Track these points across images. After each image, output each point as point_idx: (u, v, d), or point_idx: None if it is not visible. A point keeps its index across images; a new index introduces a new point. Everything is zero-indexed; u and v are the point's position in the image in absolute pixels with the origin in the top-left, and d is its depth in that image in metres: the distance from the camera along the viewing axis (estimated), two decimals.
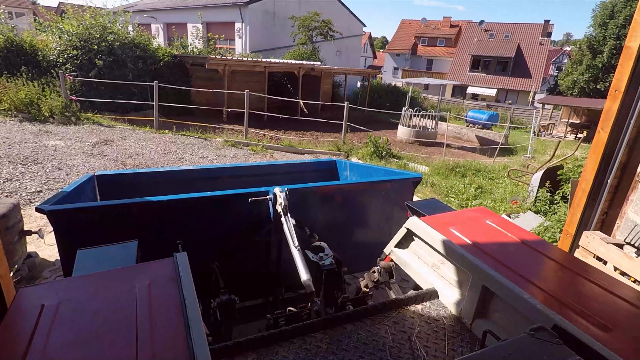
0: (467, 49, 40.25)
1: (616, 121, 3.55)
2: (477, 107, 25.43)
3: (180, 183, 3.61)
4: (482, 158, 11.49)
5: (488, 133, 16.39)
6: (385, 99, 23.45)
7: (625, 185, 3.68)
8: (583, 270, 1.78)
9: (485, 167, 9.41)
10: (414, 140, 14.16)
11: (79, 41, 12.35)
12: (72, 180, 6.46)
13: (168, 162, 8.12)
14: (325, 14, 22.46)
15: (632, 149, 3.61)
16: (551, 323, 1.35)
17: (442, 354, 1.56)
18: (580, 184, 3.95)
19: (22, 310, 1.34)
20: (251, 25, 21.39)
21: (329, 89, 21.20)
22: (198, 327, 1.25)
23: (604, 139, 3.66)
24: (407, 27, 48.03)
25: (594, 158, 3.78)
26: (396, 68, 46.60)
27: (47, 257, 4.13)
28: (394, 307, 1.82)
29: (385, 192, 3.24)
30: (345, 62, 27.52)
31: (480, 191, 7.58)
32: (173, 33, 19.54)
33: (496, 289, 1.60)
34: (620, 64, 3.52)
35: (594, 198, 3.82)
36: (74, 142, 8.59)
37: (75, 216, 2.30)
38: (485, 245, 1.92)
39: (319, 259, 1.92)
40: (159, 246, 2.01)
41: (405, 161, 9.52)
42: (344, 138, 11.08)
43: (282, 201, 2.44)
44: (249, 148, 9.88)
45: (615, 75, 3.57)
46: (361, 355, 1.53)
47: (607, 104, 3.66)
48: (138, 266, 1.69)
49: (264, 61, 16.79)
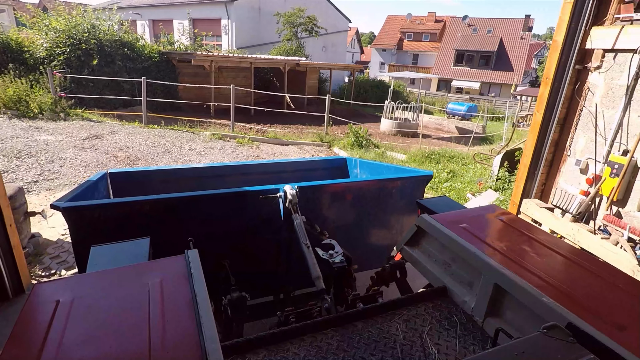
0: (451, 43, 40.94)
1: (547, 104, 4.11)
2: (458, 100, 26.10)
3: (191, 180, 3.69)
4: (459, 147, 12.09)
5: (467, 124, 17.05)
6: (371, 93, 23.97)
7: (557, 159, 4.27)
8: (597, 268, 1.77)
9: (459, 154, 10.00)
10: (396, 131, 14.70)
11: (67, 38, 12.54)
12: (66, 171, 6.82)
13: (157, 154, 8.49)
14: (311, 10, 22.81)
15: (562, 127, 4.18)
16: (565, 321, 1.34)
17: (454, 351, 1.54)
18: (523, 160, 4.52)
19: (37, 306, 1.37)
20: (237, 21, 21.64)
21: (314, 84, 21.61)
22: (209, 323, 1.26)
23: (539, 120, 4.22)
24: (393, 22, 48.53)
25: (532, 137, 4.34)
26: (383, 63, 47.11)
27: (49, 237, 4.53)
28: (404, 304, 1.80)
29: (395, 190, 3.21)
30: (331, 58, 27.91)
31: (452, 175, 8.15)
32: (159, 30, 19.70)
33: (508, 287, 1.59)
34: (550, 55, 4.07)
35: (533, 171, 4.39)
36: (64, 137, 8.89)
37: (89, 213, 2.32)
38: (497, 243, 1.92)
39: (329, 256, 1.90)
40: (171, 243, 2.03)
41: (383, 149, 10.07)
42: (326, 129, 11.56)
43: (293, 199, 2.45)
44: (235, 140, 10.29)
45: (546, 64, 4.12)
46: (372, 352, 1.51)
47: (540, 89, 4.22)
48: (150, 263, 1.72)
49: (249, 57, 17.13)
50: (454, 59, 40.25)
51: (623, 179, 3.40)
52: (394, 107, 15.12)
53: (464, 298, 1.80)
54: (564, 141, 4.16)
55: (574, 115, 4.02)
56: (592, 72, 3.82)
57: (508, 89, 36.25)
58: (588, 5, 3.67)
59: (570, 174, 4.09)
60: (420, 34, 45.87)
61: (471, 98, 33.86)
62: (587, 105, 3.87)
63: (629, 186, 3.44)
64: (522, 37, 39.10)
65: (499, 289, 1.63)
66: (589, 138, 3.87)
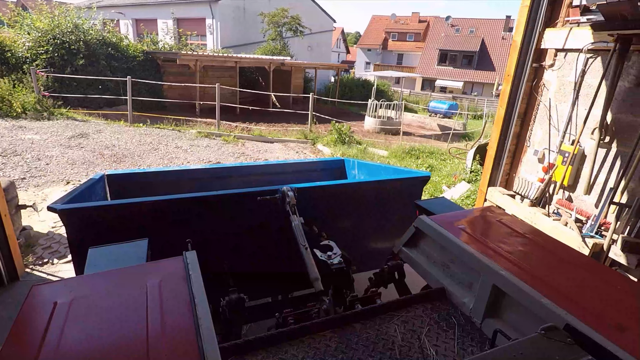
0: (434, 43, 41.70)
1: (509, 100, 4.48)
2: (439, 99, 26.73)
3: (189, 182, 3.70)
4: (439, 143, 12.51)
5: (449, 122, 17.56)
6: (357, 92, 24.36)
7: (519, 151, 4.64)
8: (595, 269, 1.79)
9: (438, 150, 10.41)
10: (380, 129, 15.07)
11: (51, 38, 12.50)
12: (53, 168, 6.93)
13: (144, 152, 8.63)
14: (295, 10, 23.04)
15: (522, 121, 4.55)
16: (563, 322, 1.35)
17: (452, 353, 1.54)
18: (489, 152, 4.88)
19: (35, 308, 1.37)
20: (222, 21, 21.72)
21: (300, 83, 21.86)
22: (208, 325, 1.27)
23: (502, 114, 4.58)
24: (378, 22, 49.14)
25: (496, 130, 4.70)
26: (368, 63, 47.65)
27: (40, 230, 4.69)
28: (403, 306, 1.80)
29: (394, 191, 3.20)
30: (317, 57, 28.19)
31: (430, 169, 8.53)
32: (142, 29, 19.65)
33: (507, 288, 1.60)
34: (510, 54, 4.44)
35: (498, 162, 4.76)
36: (50, 136, 8.94)
37: (87, 215, 2.31)
38: (496, 244, 1.92)
39: (327, 257, 1.90)
40: (169, 245, 2.03)
41: (365, 146, 10.41)
42: (310, 127, 11.84)
43: (291, 200, 2.43)
44: (221, 138, 10.48)
45: (507, 63, 4.48)
46: (370, 354, 1.51)
47: (503, 86, 4.58)
48: (149, 264, 1.72)
49: (234, 56, 17.28)
50: (437, 59, 41.01)
51: (572, 166, 3.77)
52: (377, 105, 15.48)
53: (463, 299, 1.80)
54: (525, 134, 4.53)
55: (533, 109, 4.39)
56: (546, 69, 4.19)
57: (490, 88, 37.14)
58: (542, 8, 4.04)
59: (529, 163, 4.46)
60: (405, 34, 46.59)
61: (454, 97, 34.63)
62: (543, 100, 4.24)
63: (577, 173, 3.81)
64: (503, 37, 40.10)
65: (498, 290, 1.64)
66: (545, 130, 4.24)
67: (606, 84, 3.45)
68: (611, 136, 3.50)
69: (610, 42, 3.34)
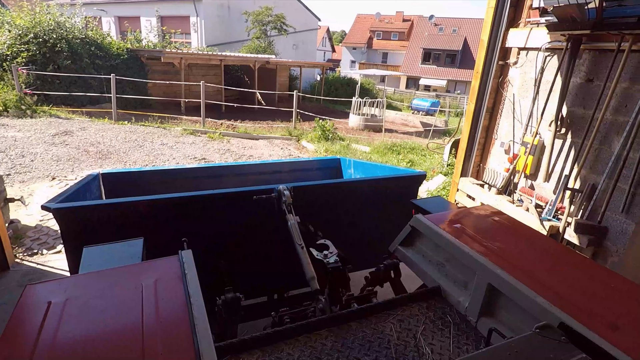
0: (418, 42, 42.30)
1: (478, 95, 4.79)
2: (422, 96, 27.27)
3: (186, 181, 3.72)
4: (420, 140, 12.87)
5: (431, 119, 17.98)
6: (342, 90, 24.63)
7: (488, 143, 4.96)
8: (590, 268, 1.80)
9: (419, 146, 10.75)
10: (364, 126, 15.37)
11: (33, 37, 12.36)
12: (38, 165, 6.96)
13: (129, 149, 8.69)
14: (280, 9, 23.15)
15: (491, 114, 4.87)
16: (557, 321, 1.36)
17: (448, 351, 1.55)
18: (461, 144, 5.19)
19: (29, 307, 1.35)
20: (206, 19, 21.67)
21: (285, 82, 21.98)
22: (203, 324, 1.27)
23: (472, 109, 4.89)
24: (363, 21, 49.53)
25: (467, 124, 5.01)
26: (353, 61, 48.02)
27: (28, 223, 4.78)
28: (399, 304, 1.81)
29: (390, 190, 3.21)
30: (302, 56, 28.34)
31: (411, 164, 8.84)
32: (126, 27, 19.48)
33: (502, 287, 1.61)
34: (479, 52, 4.74)
35: (469, 154, 5.07)
36: (33, 134, 8.92)
37: (81, 214, 2.29)
38: (491, 243, 1.93)
39: (323, 256, 1.89)
40: (165, 244, 2.02)
41: (348, 142, 10.68)
42: (294, 124, 12.04)
43: (287, 199, 2.43)
44: (206, 135, 10.59)
45: (476, 60, 4.78)
46: (366, 352, 1.52)
47: (472, 82, 4.89)
48: (144, 264, 1.70)
49: (219, 55, 17.32)
50: (421, 58, 41.62)
51: (533, 156, 4.09)
52: (361, 103, 15.78)
53: (458, 298, 1.81)
54: (493, 127, 4.84)
55: (499, 104, 4.71)
56: (511, 67, 4.50)
57: None
58: (505, 10, 4.35)
59: (497, 154, 4.77)
60: (389, 32, 47.10)
61: (437, 95, 35.28)
62: (508, 96, 4.56)
63: (538, 162, 4.13)
64: None
65: (493, 289, 1.66)
66: (510, 123, 4.56)
67: (561, 80, 3.78)
68: (566, 128, 3.83)
69: (564, 42, 3.66)
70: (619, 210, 3.31)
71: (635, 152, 3.17)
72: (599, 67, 3.53)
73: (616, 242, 3.38)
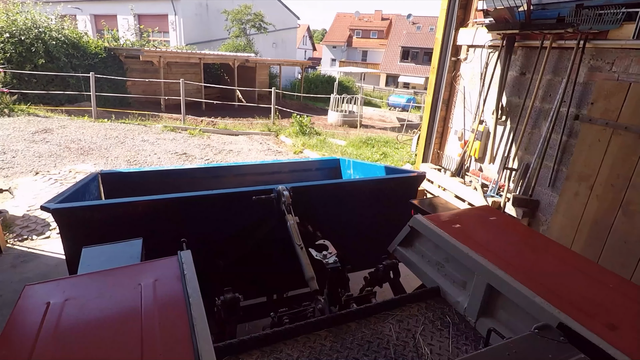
0: (397, 40, 43.14)
1: (435, 88, 5.29)
2: (399, 93, 28.05)
3: (185, 181, 3.75)
4: (395, 134, 13.44)
5: (408, 115, 18.65)
6: (322, 88, 25.10)
7: (445, 131, 5.48)
8: (589, 268, 1.80)
9: (392, 139, 11.31)
10: (342, 122, 15.85)
11: (8, 35, 12.29)
12: (20, 161, 7.13)
13: (110, 145, 8.89)
14: (259, 7, 23.40)
15: (447, 106, 5.39)
16: (556, 321, 1.36)
17: (447, 352, 1.55)
18: (421, 134, 5.69)
19: (28, 308, 1.35)
20: (185, 17, 21.73)
21: (265, 80, 22.27)
22: (202, 324, 1.27)
23: (430, 100, 5.40)
24: (342, 20, 50.11)
25: (426, 115, 5.52)
26: (334, 59, 48.53)
27: (15, 213, 5.02)
28: (398, 305, 1.81)
29: (389, 190, 3.23)
30: (282, 54, 28.63)
31: (384, 156, 9.37)
32: (102, 25, 19.36)
33: (501, 287, 1.61)
34: (434, 49, 5.26)
35: (429, 142, 5.59)
36: (12, 131, 9.00)
37: (80, 214, 2.28)
38: (490, 243, 1.94)
39: (322, 257, 1.88)
40: (164, 244, 2.02)
41: (325, 136, 11.14)
42: (273, 120, 12.40)
43: (286, 199, 2.42)
44: (187, 132, 10.84)
45: (432, 56, 5.29)
46: (365, 353, 1.52)
47: (430, 77, 5.40)
48: (143, 264, 1.70)
49: (198, 53, 17.48)
50: (400, 56, 42.47)
51: (480, 141, 4.62)
52: (339, 100, 16.25)
53: (457, 298, 1.82)
54: (449, 117, 5.37)
55: (454, 96, 5.24)
56: (462, 62, 5.03)
57: None
58: (455, 11, 4.86)
59: (452, 142, 5.30)
60: (369, 31, 47.81)
61: (416, 92, 36.18)
62: (460, 88, 5.08)
63: (484, 147, 4.67)
64: None
65: (492, 289, 1.66)
66: (462, 113, 5.09)
67: (500, 73, 4.31)
68: (505, 115, 4.37)
69: (500, 40, 4.19)
70: (546, 185, 3.86)
71: (557, 135, 3.72)
72: (529, 62, 4.08)
73: (545, 213, 3.93)
